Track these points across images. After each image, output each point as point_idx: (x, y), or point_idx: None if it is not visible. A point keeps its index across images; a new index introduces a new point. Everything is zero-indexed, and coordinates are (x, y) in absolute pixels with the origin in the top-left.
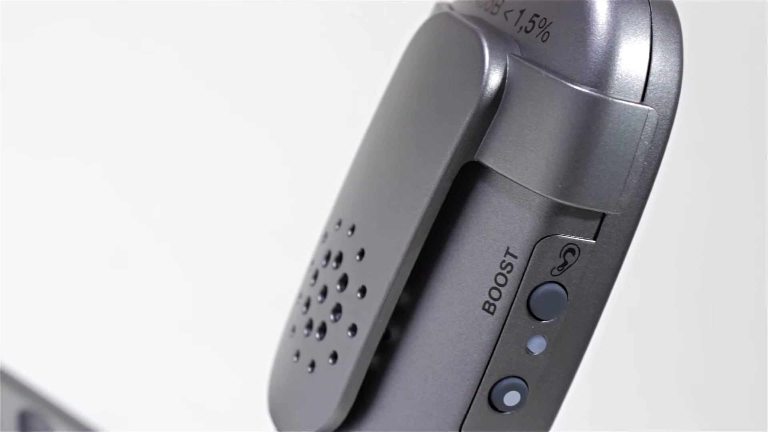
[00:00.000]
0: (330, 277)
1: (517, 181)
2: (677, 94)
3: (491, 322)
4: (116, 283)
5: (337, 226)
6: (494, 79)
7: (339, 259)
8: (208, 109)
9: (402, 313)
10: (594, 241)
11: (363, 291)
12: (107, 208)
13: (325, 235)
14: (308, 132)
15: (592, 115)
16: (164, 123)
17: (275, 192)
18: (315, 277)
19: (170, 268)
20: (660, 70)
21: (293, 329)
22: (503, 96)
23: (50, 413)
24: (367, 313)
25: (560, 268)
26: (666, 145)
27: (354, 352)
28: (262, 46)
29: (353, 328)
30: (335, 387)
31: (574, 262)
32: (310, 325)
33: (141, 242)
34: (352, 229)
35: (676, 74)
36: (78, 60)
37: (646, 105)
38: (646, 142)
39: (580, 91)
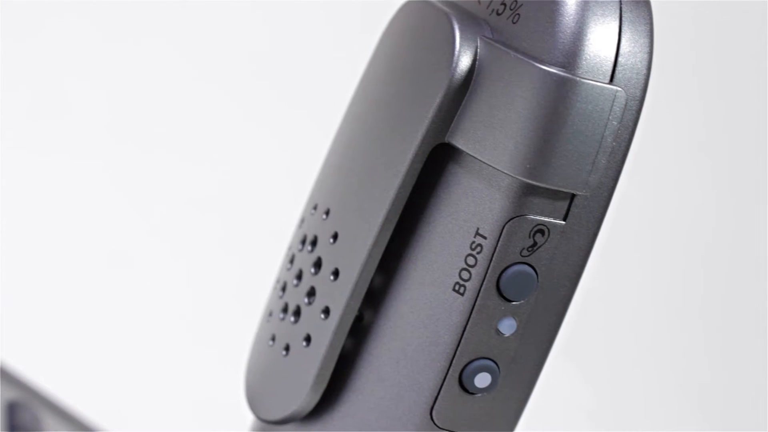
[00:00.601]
0: (305, 260)
1: (487, 162)
2: (647, 75)
3: (461, 304)
4: (116, 281)
5: (313, 211)
6: (464, 61)
7: (314, 242)
8: (209, 108)
9: (375, 296)
10: (564, 222)
11: (336, 273)
12: (108, 207)
13: (302, 220)
14: (309, 132)
15: (560, 94)
16: (165, 122)
17: (276, 191)
18: (291, 261)
19: (170, 267)
20: (629, 51)
21: (270, 314)
22: (473, 78)
23: (39, 405)
24: (340, 296)
25: (530, 249)
26: (636, 127)
27: (326, 334)
28: (263, 45)
29: (326, 311)
30: (308, 369)
31: (543, 243)
32: (285, 309)
33: (141, 241)
34: (327, 212)
35: (646, 55)
36: (79, 59)
37: (614, 85)
38: (615, 123)
39: (548, 71)
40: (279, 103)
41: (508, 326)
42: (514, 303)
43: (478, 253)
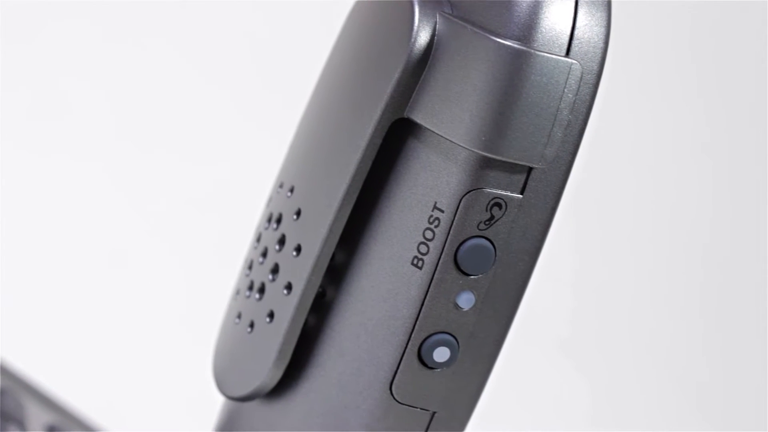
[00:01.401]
0: (270, 238)
1: (444, 135)
2: (604, 49)
3: (420, 277)
4: (115, 280)
5: (279, 189)
6: (423, 36)
7: (279, 220)
8: (210, 108)
9: (337, 272)
10: (521, 196)
11: (298, 249)
12: (107, 206)
13: (269, 199)
14: None
15: (515, 67)
16: (165, 122)
17: None
18: (258, 240)
19: (170, 266)
20: (585, 25)
21: (237, 292)
22: (432, 53)
23: (24, 392)
24: (302, 271)
25: (487, 223)
26: (593, 101)
27: (289, 309)
28: (263, 45)
29: (288, 286)
30: (271, 345)
31: (501, 217)
32: (251, 287)
33: (140, 240)
34: (292, 190)
35: (603, 29)
36: (78, 59)
37: (570, 59)
38: (570, 95)
39: (503, 44)
40: (279, 102)
41: (466, 300)
42: (472, 277)
43: (435, 226)
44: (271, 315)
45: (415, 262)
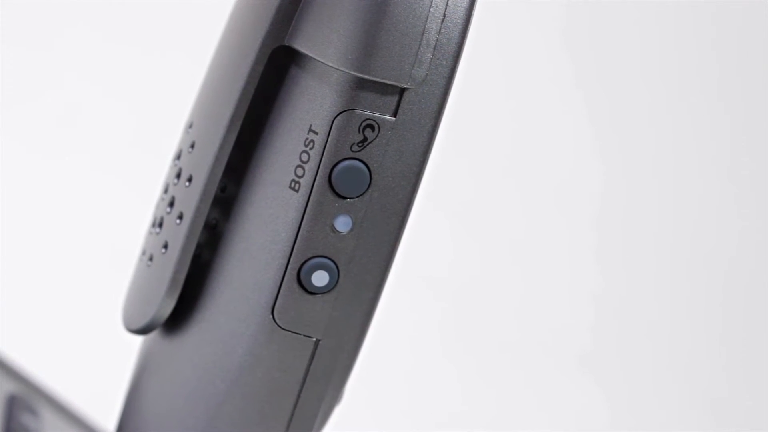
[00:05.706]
0: (171, 173)
1: (317, 58)
2: None
3: (297, 200)
4: (119, 282)
5: (184, 128)
6: None
7: (179, 156)
8: None
9: (227, 202)
10: (393, 118)
11: (190, 179)
12: (113, 209)
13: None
14: None
15: None
16: (170, 124)
17: None
18: (165, 179)
19: None
20: None
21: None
22: None
23: (38, 398)
24: (191, 199)
25: (360, 144)
26: (467, 24)
27: (180, 238)
28: None
29: (180, 216)
30: (165, 274)
31: (374, 139)
32: (154, 223)
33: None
34: (191, 125)
35: None
36: (85, 62)
37: None
38: (437, 15)
39: None
40: None
41: (343, 223)
42: (348, 200)
43: (310, 149)
44: (166, 245)
45: (292, 185)
